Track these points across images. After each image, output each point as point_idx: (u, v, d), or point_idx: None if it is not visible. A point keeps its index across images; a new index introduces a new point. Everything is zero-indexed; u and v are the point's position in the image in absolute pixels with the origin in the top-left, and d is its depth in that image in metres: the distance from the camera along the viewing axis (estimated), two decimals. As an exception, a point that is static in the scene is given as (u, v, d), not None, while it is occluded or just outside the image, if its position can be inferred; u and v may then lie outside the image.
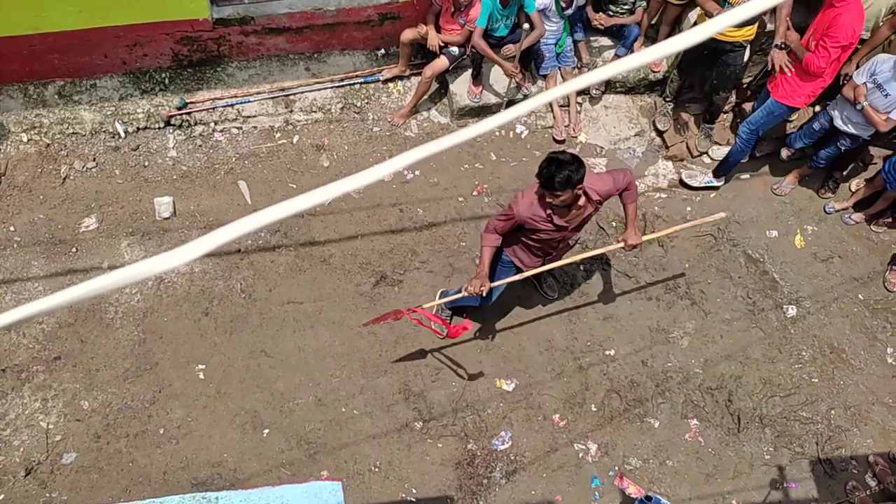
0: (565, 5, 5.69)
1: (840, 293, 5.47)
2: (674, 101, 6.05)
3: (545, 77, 6.02)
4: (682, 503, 4.61)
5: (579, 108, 6.18)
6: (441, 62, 5.63)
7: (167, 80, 5.74)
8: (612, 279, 5.35)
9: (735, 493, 4.65)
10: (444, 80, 6.04)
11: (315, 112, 5.87)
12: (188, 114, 5.67)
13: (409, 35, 5.65)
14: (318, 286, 5.10)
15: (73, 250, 5.08)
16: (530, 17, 5.35)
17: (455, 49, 5.60)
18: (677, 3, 5.68)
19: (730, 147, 6.00)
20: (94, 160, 5.46)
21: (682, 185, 5.87)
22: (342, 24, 5.80)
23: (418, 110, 6.00)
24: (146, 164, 5.52)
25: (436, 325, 4.73)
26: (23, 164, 5.37)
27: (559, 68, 6.03)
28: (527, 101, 1.16)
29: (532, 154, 5.91)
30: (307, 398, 4.70)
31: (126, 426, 4.52)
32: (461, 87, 5.98)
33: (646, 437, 4.79)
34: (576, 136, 6.05)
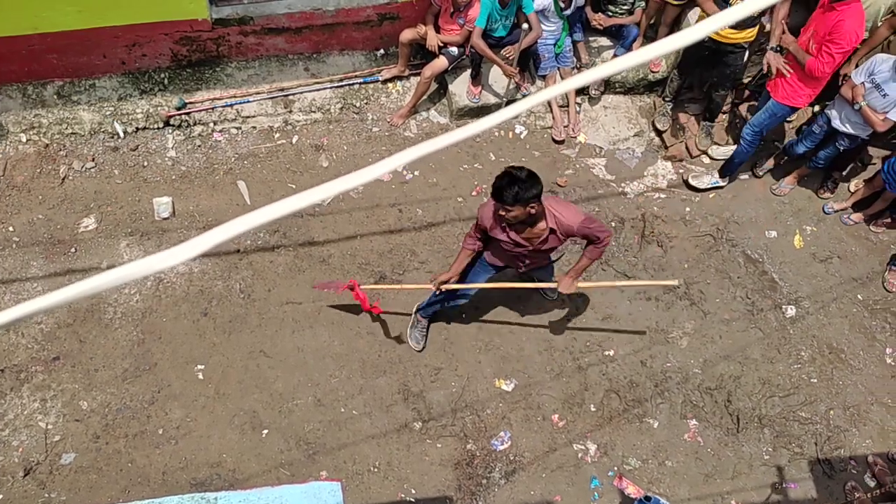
0: (564, 6, 5.69)
1: (839, 293, 5.47)
2: (673, 101, 6.06)
3: (544, 77, 6.02)
4: (681, 503, 4.61)
5: (578, 108, 6.18)
6: (440, 62, 5.63)
7: (166, 81, 5.74)
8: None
9: (734, 494, 4.65)
10: (443, 81, 6.04)
11: (314, 112, 5.87)
12: (187, 114, 5.67)
13: (408, 35, 5.65)
14: (318, 286, 5.10)
15: (72, 250, 5.08)
16: (528, 18, 5.35)
17: (454, 49, 5.60)
18: (676, 4, 5.69)
19: (728, 146, 6.02)
20: (93, 160, 5.46)
21: (688, 186, 5.86)
22: (341, 24, 5.80)
23: (417, 110, 6.01)
24: (145, 164, 5.52)
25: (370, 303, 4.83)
26: (22, 165, 5.37)
27: (558, 69, 6.03)
28: (524, 100, 1.16)
29: (531, 154, 5.91)
30: (306, 398, 4.70)
31: (125, 426, 4.51)
32: (460, 87, 5.98)
33: (645, 437, 4.79)
34: (575, 137, 6.05)
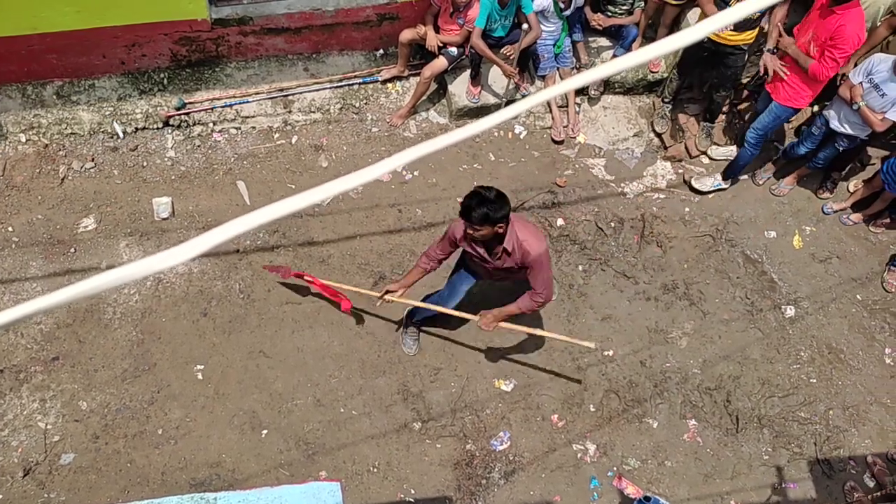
0: (564, 6, 5.69)
1: (838, 294, 5.48)
2: (672, 101, 6.06)
3: (543, 78, 6.02)
4: (681, 503, 4.61)
5: (578, 108, 6.18)
6: (440, 63, 5.63)
7: (166, 81, 5.74)
8: (611, 279, 5.36)
9: (733, 494, 4.65)
10: (442, 81, 6.04)
11: (314, 112, 5.87)
12: (187, 114, 5.67)
13: (407, 35, 5.65)
14: (317, 286, 5.10)
15: (72, 251, 5.08)
16: (528, 18, 5.36)
17: (454, 49, 5.60)
18: (675, 4, 5.69)
19: (727, 147, 6.03)
20: (93, 160, 5.46)
21: (691, 189, 5.85)
22: (341, 24, 5.80)
23: (417, 111, 6.01)
24: (145, 164, 5.52)
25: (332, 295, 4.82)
26: (21, 165, 5.37)
27: (558, 69, 6.03)
28: (524, 100, 1.16)
29: (531, 155, 5.92)
30: (306, 399, 4.70)
31: (124, 427, 4.51)
32: (460, 87, 5.98)
33: (644, 437, 4.80)
34: (574, 137, 6.05)
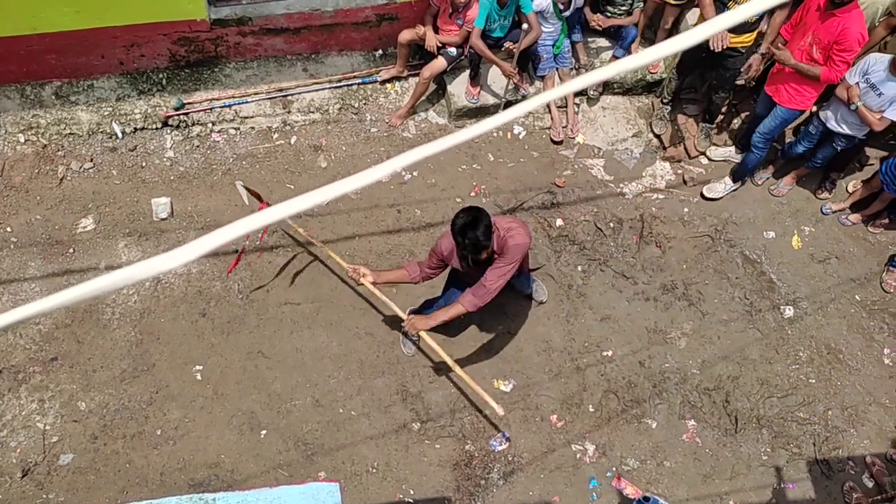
0: (563, 7, 5.70)
1: (837, 294, 5.48)
2: (671, 102, 6.06)
3: (542, 78, 6.02)
4: (680, 503, 4.62)
5: (577, 109, 6.18)
6: (439, 63, 5.63)
7: (164, 81, 5.74)
8: (610, 280, 5.36)
9: (732, 494, 4.65)
10: (441, 81, 6.04)
11: (313, 113, 5.87)
12: (186, 114, 5.66)
13: (406, 36, 5.65)
14: (316, 287, 5.09)
15: (71, 251, 5.08)
16: (527, 18, 5.36)
17: (453, 50, 5.61)
18: (675, 4, 5.69)
19: (726, 147, 6.04)
20: (92, 161, 5.45)
21: (704, 199, 5.81)
22: (340, 24, 5.80)
23: (416, 111, 6.00)
24: (143, 164, 5.52)
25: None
26: (20, 165, 5.36)
27: (556, 69, 6.03)
28: (526, 101, 1.16)
29: (530, 155, 5.92)
30: (304, 399, 4.69)
31: (123, 427, 4.51)
32: (459, 87, 5.98)
33: (643, 437, 4.80)
34: (573, 137, 6.05)
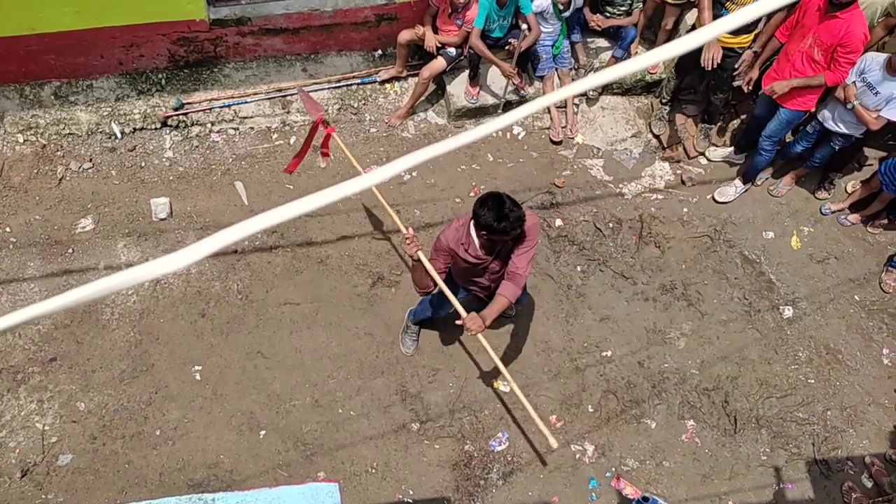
0: (563, 7, 5.70)
1: (836, 294, 5.49)
2: (670, 102, 6.06)
3: (542, 78, 6.02)
4: (679, 504, 4.62)
5: (576, 109, 6.18)
6: (438, 63, 5.63)
7: (164, 81, 5.74)
8: (609, 280, 5.36)
9: (731, 494, 4.66)
10: (441, 82, 6.04)
11: (312, 113, 5.87)
12: (185, 114, 5.66)
13: (406, 36, 5.65)
14: (315, 287, 5.09)
15: (70, 251, 5.07)
16: (527, 19, 5.36)
17: (452, 50, 5.60)
18: (675, 4, 5.69)
19: (725, 147, 6.05)
20: (91, 161, 5.45)
21: (716, 202, 5.82)
22: (339, 25, 5.80)
23: (415, 111, 6.00)
24: (143, 164, 5.51)
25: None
26: (19, 165, 5.36)
27: (556, 69, 6.03)
28: (532, 102, 1.16)
29: (529, 155, 5.91)
30: (304, 399, 4.69)
31: (122, 427, 4.51)
32: (458, 88, 5.98)
33: (642, 438, 4.80)
34: (573, 138, 6.05)
